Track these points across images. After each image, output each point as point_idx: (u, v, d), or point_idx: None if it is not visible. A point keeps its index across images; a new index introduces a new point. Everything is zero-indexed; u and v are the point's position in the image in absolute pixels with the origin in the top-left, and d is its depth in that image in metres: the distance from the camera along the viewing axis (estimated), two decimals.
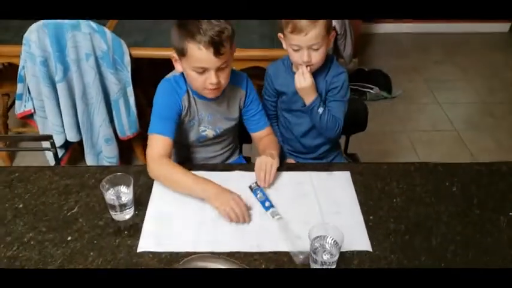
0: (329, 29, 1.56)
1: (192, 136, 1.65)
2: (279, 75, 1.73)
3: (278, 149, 1.60)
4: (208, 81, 1.45)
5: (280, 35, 1.63)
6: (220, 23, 1.40)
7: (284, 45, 1.64)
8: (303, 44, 1.53)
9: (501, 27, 4.40)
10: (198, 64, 1.43)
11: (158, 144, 1.47)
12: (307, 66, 1.58)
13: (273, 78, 1.74)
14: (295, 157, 1.85)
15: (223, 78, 1.48)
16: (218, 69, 1.44)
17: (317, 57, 1.57)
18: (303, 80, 1.58)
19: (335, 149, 1.89)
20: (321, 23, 1.51)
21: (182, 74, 1.53)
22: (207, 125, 1.63)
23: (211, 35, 1.37)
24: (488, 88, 3.61)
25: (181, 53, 1.44)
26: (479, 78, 3.74)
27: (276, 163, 1.46)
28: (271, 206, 1.36)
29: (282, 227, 1.30)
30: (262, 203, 1.37)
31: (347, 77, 1.69)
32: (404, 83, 3.61)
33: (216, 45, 1.38)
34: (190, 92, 1.56)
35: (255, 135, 1.70)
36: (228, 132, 1.70)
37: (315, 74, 1.66)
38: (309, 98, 1.62)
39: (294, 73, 1.68)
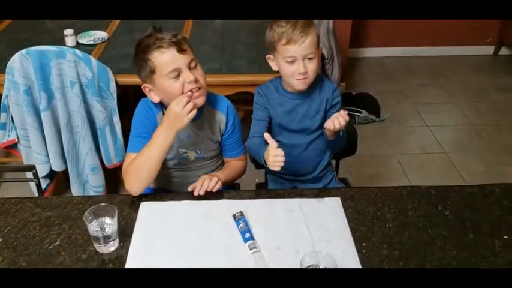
0: (318, 39, 1.59)
1: (173, 158, 1.63)
2: (270, 97, 1.71)
3: (232, 175, 1.68)
4: (186, 82, 1.45)
5: (269, 56, 1.63)
6: (171, 33, 1.47)
7: (273, 67, 1.64)
8: (299, 54, 1.54)
9: (485, 50, 4.46)
10: (169, 68, 1.44)
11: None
12: (302, 78, 1.57)
13: (264, 101, 1.72)
14: (292, 181, 1.83)
15: (200, 76, 1.49)
16: (191, 68, 1.46)
17: (312, 68, 1.57)
18: (342, 121, 1.52)
19: (330, 168, 1.88)
20: (313, 31, 1.55)
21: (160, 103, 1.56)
22: (188, 146, 1.62)
23: (167, 38, 1.44)
24: (474, 110, 3.63)
25: (152, 72, 1.46)
26: (465, 100, 3.76)
27: (215, 179, 1.49)
28: (251, 238, 1.30)
29: (257, 260, 1.24)
30: (243, 234, 1.32)
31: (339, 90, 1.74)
32: (392, 106, 3.62)
33: (177, 43, 1.44)
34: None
35: (227, 160, 1.74)
36: (211, 156, 1.69)
37: (310, 92, 1.67)
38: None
39: (285, 91, 1.68)
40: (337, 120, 1.51)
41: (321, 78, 1.71)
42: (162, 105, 1.56)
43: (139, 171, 1.46)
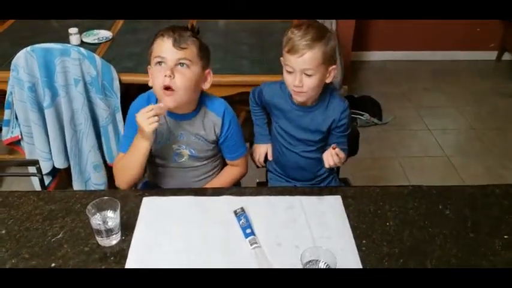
0: (328, 58, 1.52)
1: (167, 154, 1.64)
2: (273, 98, 1.70)
3: (223, 184, 1.69)
4: (163, 75, 1.45)
5: (281, 58, 1.61)
6: (192, 32, 1.50)
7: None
8: (297, 66, 1.50)
9: (488, 55, 4.46)
10: (157, 53, 1.47)
11: None
12: (298, 92, 1.54)
13: (267, 98, 1.71)
14: (289, 182, 1.83)
15: (180, 80, 1.46)
16: (177, 65, 1.46)
17: (308, 84, 1.52)
18: (335, 160, 1.54)
19: (331, 174, 1.86)
20: (319, 46, 1.49)
21: None
22: (181, 144, 1.62)
23: (177, 32, 1.46)
24: (476, 115, 3.64)
25: (150, 55, 1.51)
26: (467, 105, 3.77)
27: None
28: (252, 233, 1.31)
29: (258, 256, 1.25)
30: (244, 229, 1.32)
31: (349, 110, 1.69)
32: (395, 109, 3.62)
33: (177, 38, 1.45)
34: None
35: (228, 162, 1.75)
36: (207, 157, 1.68)
37: (314, 108, 1.64)
38: None
39: (291, 99, 1.64)
40: (331, 158, 1.52)
41: (331, 94, 1.66)
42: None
43: (124, 173, 1.59)
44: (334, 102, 1.65)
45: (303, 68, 1.50)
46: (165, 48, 1.45)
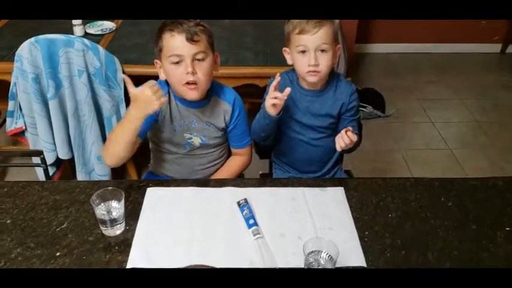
0: (335, 38, 1.56)
1: (178, 142, 1.66)
2: (282, 87, 1.70)
3: (229, 173, 1.71)
4: (184, 72, 1.46)
5: (285, 49, 1.62)
6: (196, 21, 1.49)
7: (288, 60, 1.63)
8: (311, 44, 1.52)
9: (492, 47, 4.45)
10: (172, 52, 1.47)
11: None
12: (313, 71, 1.55)
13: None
14: (297, 174, 1.82)
15: (202, 73, 1.49)
16: (194, 60, 1.47)
17: (324, 62, 1.54)
18: (346, 142, 1.51)
19: (338, 166, 1.86)
20: (329, 24, 1.52)
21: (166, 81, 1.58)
22: (193, 131, 1.64)
23: (185, 24, 1.45)
24: (480, 107, 3.63)
25: (160, 50, 1.50)
26: (471, 97, 3.76)
27: None
28: (255, 224, 1.32)
29: (260, 246, 1.26)
30: (247, 220, 1.33)
31: (357, 93, 1.71)
32: (398, 102, 3.62)
33: (189, 32, 1.45)
34: (172, 96, 1.59)
35: (233, 150, 1.77)
36: (216, 144, 1.71)
37: (324, 91, 1.65)
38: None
39: (299, 86, 1.66)
40: (342, 140, 1.51)
41: (338, 77, 1.68)
42: (168, 85, 1.59)
43: (113, 147, 1.48)
44: (342, 86, 1.68)
45: (318, 44, 1.52)
46: (178, 45, 1.46)
